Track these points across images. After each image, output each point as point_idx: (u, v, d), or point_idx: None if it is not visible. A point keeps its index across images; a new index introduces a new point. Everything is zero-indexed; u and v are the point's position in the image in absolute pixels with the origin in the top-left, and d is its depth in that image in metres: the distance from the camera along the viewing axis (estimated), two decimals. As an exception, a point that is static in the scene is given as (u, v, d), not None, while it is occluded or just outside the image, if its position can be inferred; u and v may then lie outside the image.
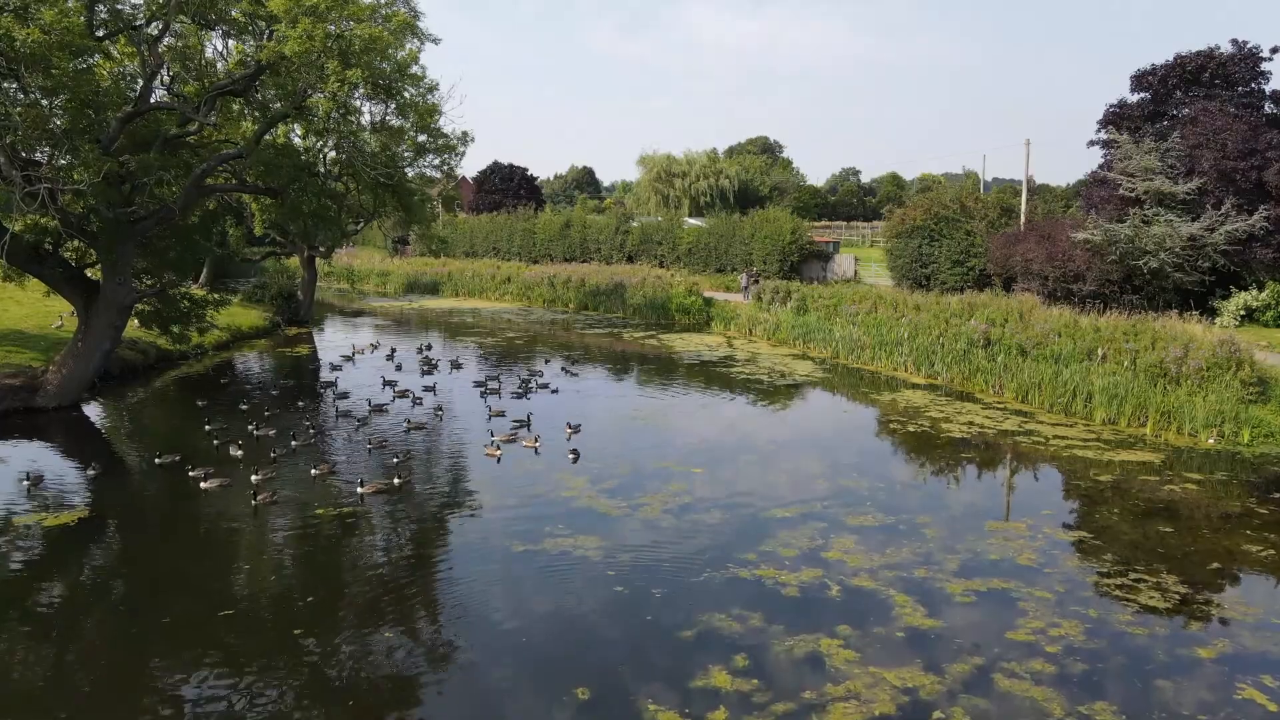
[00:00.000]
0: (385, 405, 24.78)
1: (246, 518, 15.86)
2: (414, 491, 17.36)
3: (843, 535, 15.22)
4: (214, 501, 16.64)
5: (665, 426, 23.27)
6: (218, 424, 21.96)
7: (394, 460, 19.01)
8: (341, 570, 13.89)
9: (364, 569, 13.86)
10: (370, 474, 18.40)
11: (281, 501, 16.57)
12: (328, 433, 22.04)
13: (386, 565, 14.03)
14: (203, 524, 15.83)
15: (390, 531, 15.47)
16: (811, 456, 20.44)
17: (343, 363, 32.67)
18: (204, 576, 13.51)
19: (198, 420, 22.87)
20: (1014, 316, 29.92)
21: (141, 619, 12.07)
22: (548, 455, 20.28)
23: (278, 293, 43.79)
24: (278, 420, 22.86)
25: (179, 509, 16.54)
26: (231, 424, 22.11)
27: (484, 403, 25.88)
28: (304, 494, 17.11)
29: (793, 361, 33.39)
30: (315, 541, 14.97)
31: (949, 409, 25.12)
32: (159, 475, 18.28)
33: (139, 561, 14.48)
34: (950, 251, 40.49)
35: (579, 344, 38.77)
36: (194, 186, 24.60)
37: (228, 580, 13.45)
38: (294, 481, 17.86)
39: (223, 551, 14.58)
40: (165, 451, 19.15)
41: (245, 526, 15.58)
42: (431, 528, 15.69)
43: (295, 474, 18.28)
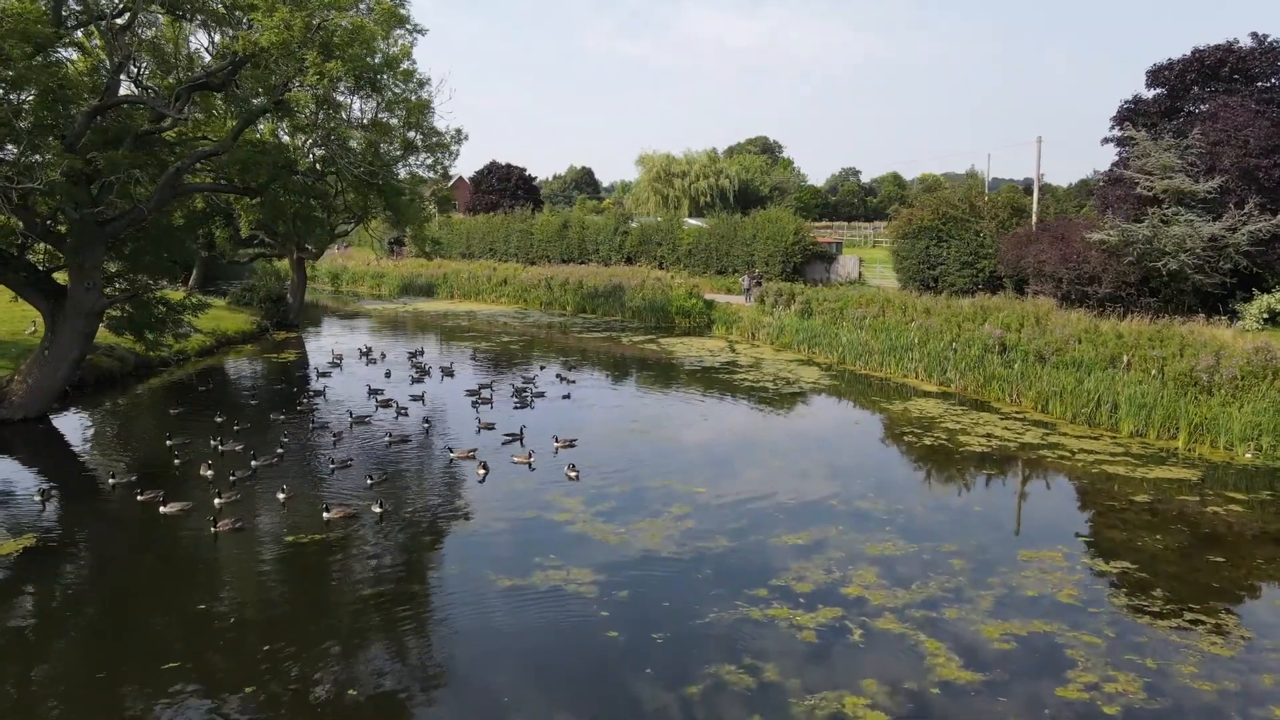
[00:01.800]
0: (367, 417, 23.28)
1: (203, 549, 14.35)
2: (391, 516, 15.84)
3: (862, 566, 13.73)
4: (171, 530, 15.13)
5: (666, 439, 21.78)
6: (180, 439, 20.46)
7: (369, 481, 17.49)
8: (299, 614, 12.37)
9: (324, 612, 12.35)
10: (348, 494, 16.91)
11: (246, 529, 15.06)
12: (304, 448, 20.53)
13: (351, 608, 12.50)
14: (149, 558, 14.28)
15: (360, 565, 13.95)
16: (823, 473, 18.95)
17: (329, 369, 31.21)
18: (139, 626, 12.01)
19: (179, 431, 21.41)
20: (1030, 321, 28.44)
21: (67, 679, 10.58)
22: (542, 472, 18.80)
23: (266, 296, 42.26)
24: (249, 435, 21.37)
25: (130, 539, 15.02)
26: (201, 438, 20.60)
27: (475, 413, 24.42)
28: (271, 520, 15.61)
29: (798, 367, 31.91)
30: (275, 578, 13.46)
31: (965, 419, 23.64)
32: (115, 499, 16.77)
33: (69, 607, 12.97)
34: (959, 252, 38.99)
35: (576, 348, 37.29)
36: (167, 186, 23.09)
37: (164, 633, 11.94)
38: (262, 505, 16.36)
39: (169, 593, 13.07)
40: (121, 472, 17.66)
41: (199, 561, 14.06)
42: (408, 560, 14.18)
43: (263, 496, 16.77)
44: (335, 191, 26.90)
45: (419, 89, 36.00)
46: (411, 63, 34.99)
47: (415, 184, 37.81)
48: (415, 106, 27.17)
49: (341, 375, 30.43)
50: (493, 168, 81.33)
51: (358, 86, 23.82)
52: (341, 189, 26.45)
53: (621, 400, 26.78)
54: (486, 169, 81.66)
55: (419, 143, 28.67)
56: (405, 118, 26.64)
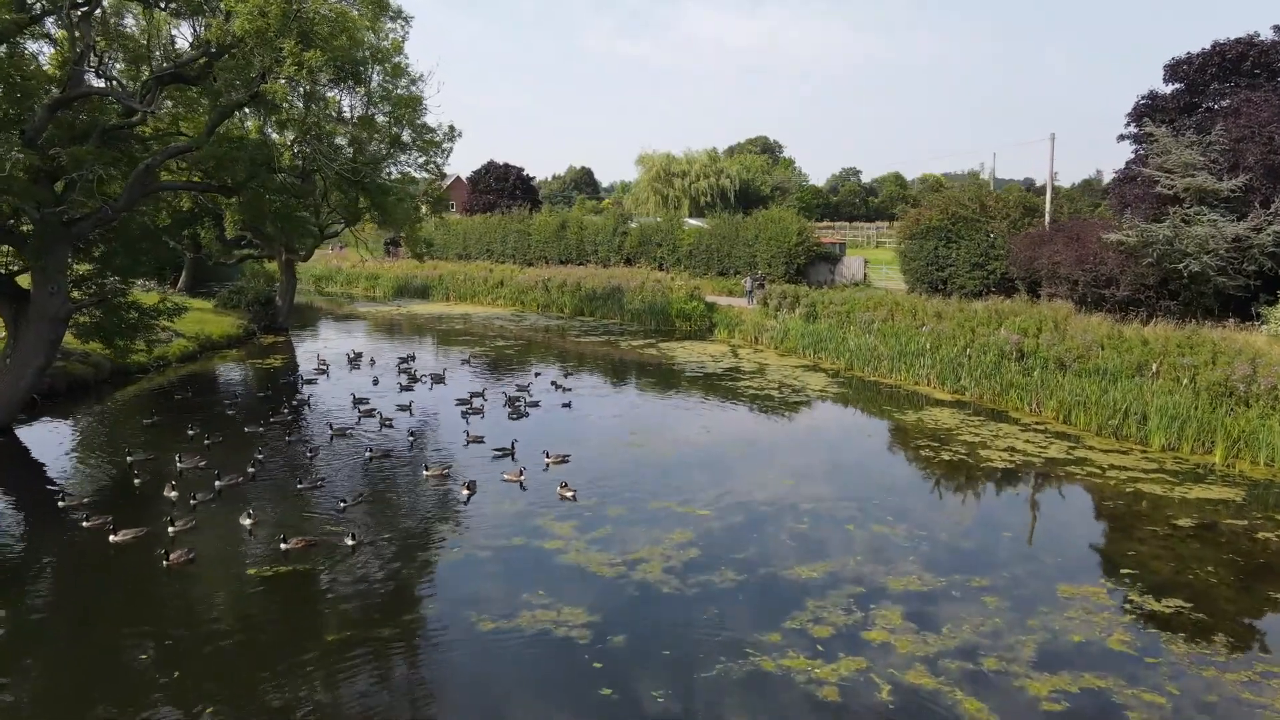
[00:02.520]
0: (349, 429, 21.81)
1: (150, 585, 12.87)
2: (364, 547, 14.35)
3: (885, 605, 12.26)
4: (118, 561, 13.65)
5: (666, 454, 20.31)
6: (142, 455, 18.99)
7: (342, 504, 16.01)
8: (246, 665, 10.88)
9: (275, 664, 10.85)
10: (321, 518, 15.45)
11: (202, 560, 13.59)
12: (279, 464, 19.04)
13: (307, 657, 11.02)
14: (86, 595, 12.78)
15: (325, 605, 12.47)
16: (836, 493, 17.47)
17: (315, 376, 29.74)
18: (51, 675, 10.53)
19: (143, 445, 19.96)
20: (1048, 326, 26.97)
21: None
22: (533, 491, 17.35)
23: (254, 298, 40.79)
24: (221, 449, 19.91)
25: (67, 574, 13.55)
26: (168, 453, 19.09)
27: (465, 424, 22.96)
28: (231, 550, 14.14)
29: (804, 374, 30.44)
30: (227, 621, 11.94)
31: (983, 431, 22.18)
32: (66, 524, 15.28)
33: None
34: (969, 254, 37.52)
35: (574, 353, 35.82)
36: (137, 183, 21.62)
37: (81, 686, 10.46)
38: (223, 532, 14.88)
39: (99, 640, 11.59)
40: (74, 493, 16.20)
41: (143, 599, 12.58)
42: (380, 598, 12.69)
43: (226, 521, 15.30)
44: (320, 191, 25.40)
45: (411, 85, 34.71)
46: (403, 57, 33.72)
47: (407, 183, 36.40)
48: (402, 101, 25.74)
49: (328, 382, 28.97)
50: (490, 167, 79.86)
51: (339, 79, 22.31)
52: (325, 188, 24.94)
53: (620, 409, 25.30)
54: (484, 169, 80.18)
55: (407, 139, 27.12)
56: (392, 113, 25.14)
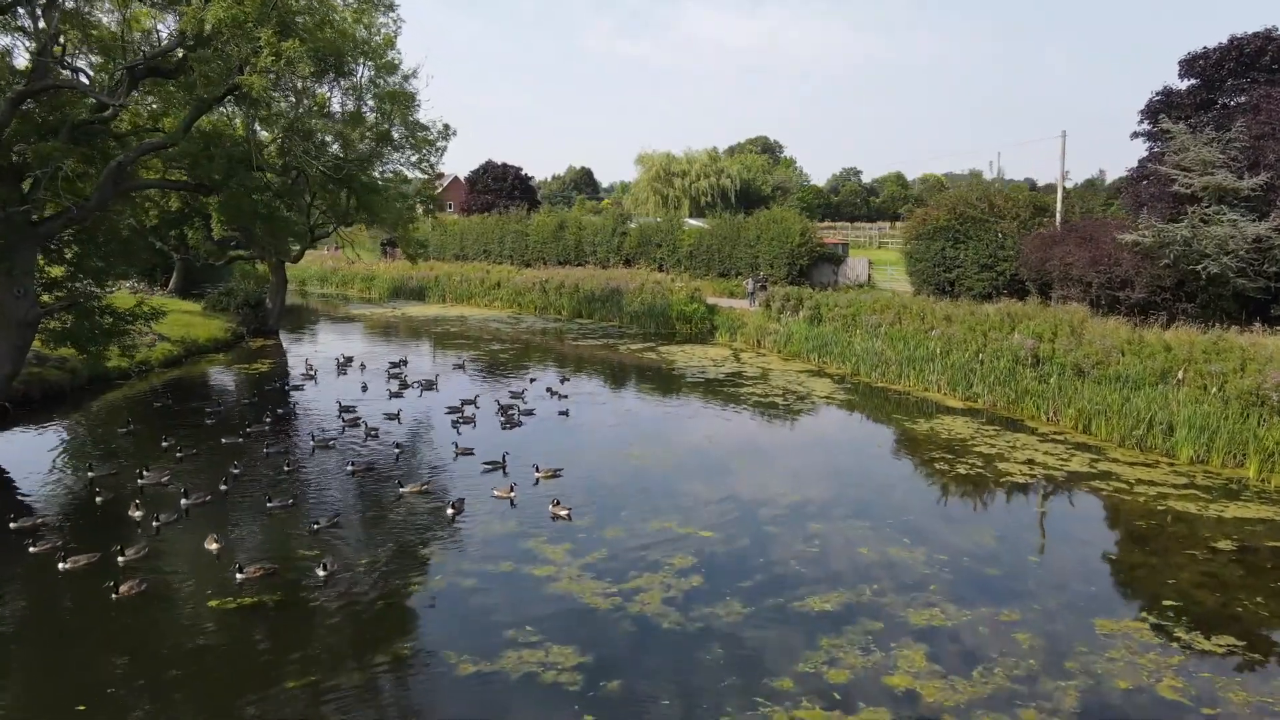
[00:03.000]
0: (332, 440, 20.62)
1: (95, 621, 11.65)
2: (337, 576, 13.14)
3: (907, 643, 11.07)
4: (65, 592, 12.45)
5: (667, 467, 19.11)
6: (105, 470, 17.81)
7: (314, 526, 14.81)
8: (200, 711, 9.71)
9: (234, 709, 9.68)
10: (292, 542, 14.27)
11: (157, 591, 12.39)
12: (255, 479, 17.85)
13: (266, 707, 9.84)
14: (27, 632, 11.61)
15: (288, 643, 11.24)
16: (847, 511, 16.27)
17: (302, 382, 28.57)
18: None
19: (113, 457, 18.80)
20: (1064, 330, 25.76)
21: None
22: (524, 509, 16.17)
23: (244, 300, 39.57)
24: (195, 462, 18.74)
25: (9, 603, 12.36)
26: (138, 466, 17.89)
27: (455, 434, 21.80)
28: (191, 579, 12.93)
29: (808, 379, 29.25)
30: (179, 660, 10.72)
31: (999, 441, 20.99)
32: (13, 547, 14.07)
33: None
34: (977, 254, 36.33)
35: (571, 357, 34.64)
36: (109, 181, 20.45)
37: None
38: (184, 558, 13.69)
39: (31, 683, 10.40)
40: (25, 513, 15.01)
41: (82, 638, 11.39)
42: (350, 634, 11.48)
43: (189, 546, 14.11)
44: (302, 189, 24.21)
45: (404, 81, 33.52)
46: (395, 54, 32.55)
47: (399, 182, 35.23)
48: (390, 95, 24.56)
49: (315, 388, 27.80)
50: (488, 167, 78.69)
51: (322, 72, 21.10)
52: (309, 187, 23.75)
53: (618, 418, 24.11)
54: (482, 168, 79.02)
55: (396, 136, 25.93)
56: (379, 108, 23.93)
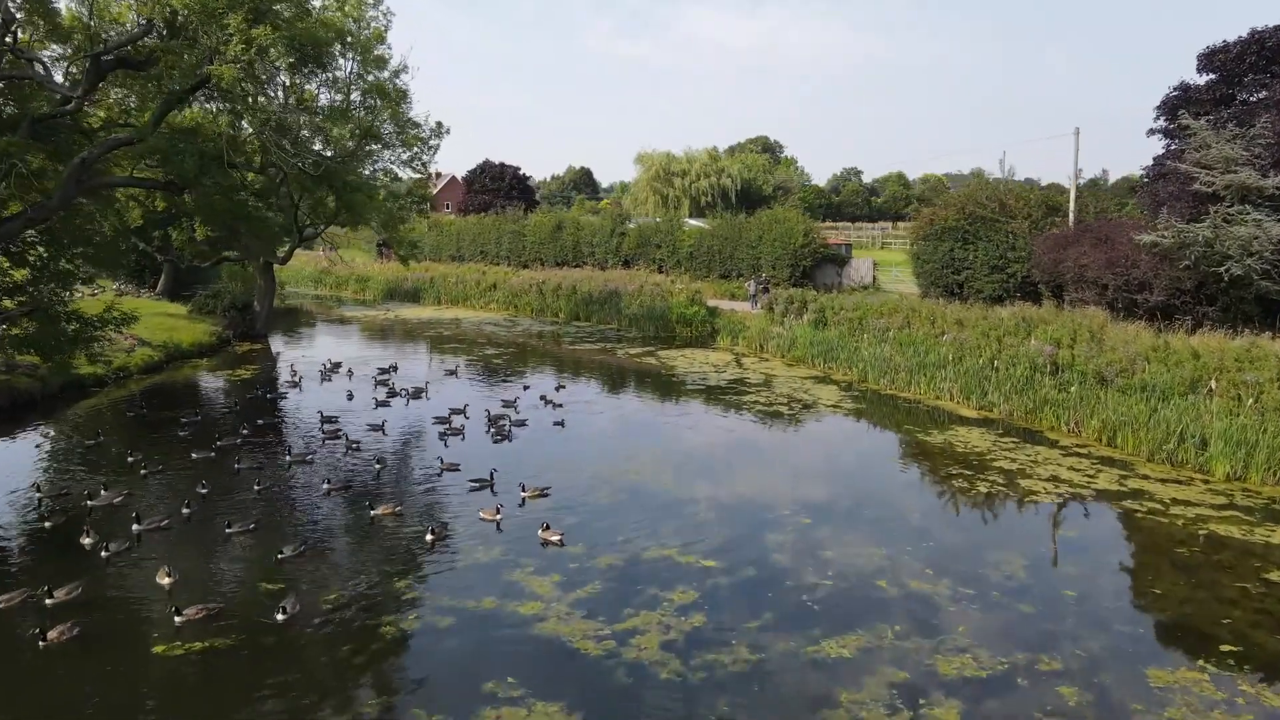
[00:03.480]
0: (309, 455, 19.27)
1: (18, 672, 10.31)
2: (300, 612, 11.79)
3: (937, 699, 9.74)
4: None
5: (666, 485, 17.77)
6: (56, 492, 16.47)
7: (279, 555, 13.46)
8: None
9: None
10: (254, 572, 12.94)
11: (94, 636, 11.04)
12: (222, 500, 16.51)
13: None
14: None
15: (236, 696, 9.91)
16: (863, 537, 14.93)
17: (286, 389, 27.23)
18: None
19: (72, 476, 17.48)
20: (1083, 335, 24.43)
21: None
22: (511, 532, 14.85)
23: (231, 303, 38.21)
24: (159, 480, 17.41)
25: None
26: (97, 486, 16.53)
27: (443, 446, 20.51)
28: (136, 620, 11.58)
29: (814, 386, 27.91)
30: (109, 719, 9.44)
31: (1019, 455, 19.66)
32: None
33: None
34: (987, 255, 34.97)
35: (568, 362, 33.31)
36: (73, 179, 19.11)
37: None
38: (130, 595, 12.34)
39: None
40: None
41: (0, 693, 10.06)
42: (306, 688, 10.12)
43: (138, 579, 12.77)
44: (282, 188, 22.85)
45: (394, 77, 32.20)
46: (385, 48, 31.24)
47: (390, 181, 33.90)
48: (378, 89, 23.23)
49: (300, 395, 26.47)
50: (486, 166, 77.35)
51: (300, 62, 19.75)
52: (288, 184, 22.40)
53: (615, 428, 22.78)
54: (479, 168, 77.68)
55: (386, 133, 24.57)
56: (363, 102, 22.60)
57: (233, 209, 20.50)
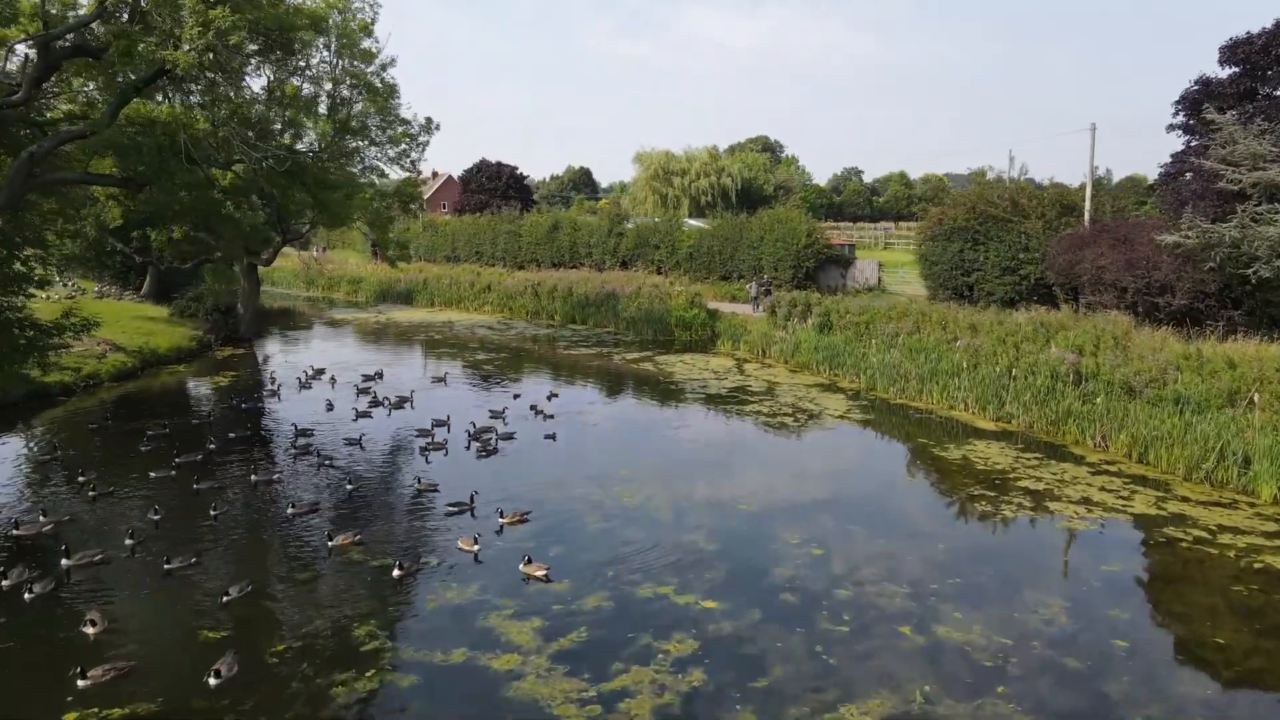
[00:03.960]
0: (277, 474, 17.67)
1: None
2: (239, 673, 10.20)
3: (981, 786, 8.17)
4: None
5: (663, 509, 16.18)
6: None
7: (224, 598, 11.87)
8: None
9: None
10: (191, 618, 11.36)
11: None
12: (175, 527, 14.93)
13: None
14: None
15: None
16: (879, 571, 13.35)
17: (264, 399, 25.65)
18: None
19: (14, 498, 15.90)
20: (1107, 342, 22.86)
21: None
22: (494, 565, 13.30)
23: (213, 306, 36.64)
24: (107, 505, 15.80)
25: None
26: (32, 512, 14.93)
27: (423, 462, 18.98)
28: (43, 682, 10.00)
29: (820, 395, 26.33)
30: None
31: (1045, 473, 18.08)
32: None
33: None
34: (999, 256, 33.38)
35: (562, 367, 31.74)
36: (19, 176, 17.52)
37: None
38: (44, 647, 10.74)
39: None
40: None
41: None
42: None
43: (60, 628, 11.18)
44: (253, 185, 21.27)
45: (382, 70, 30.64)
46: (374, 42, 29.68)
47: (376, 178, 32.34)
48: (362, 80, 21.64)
49: (278, 404, 24.90)
50: (482, 166, 75.76)
51: (266, 49, 18.14)
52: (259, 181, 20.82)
53: (609, 441, 21.20)
54: (475, 167, 76.10)
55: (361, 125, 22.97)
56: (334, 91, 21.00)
57: (198, 208, 18.91)
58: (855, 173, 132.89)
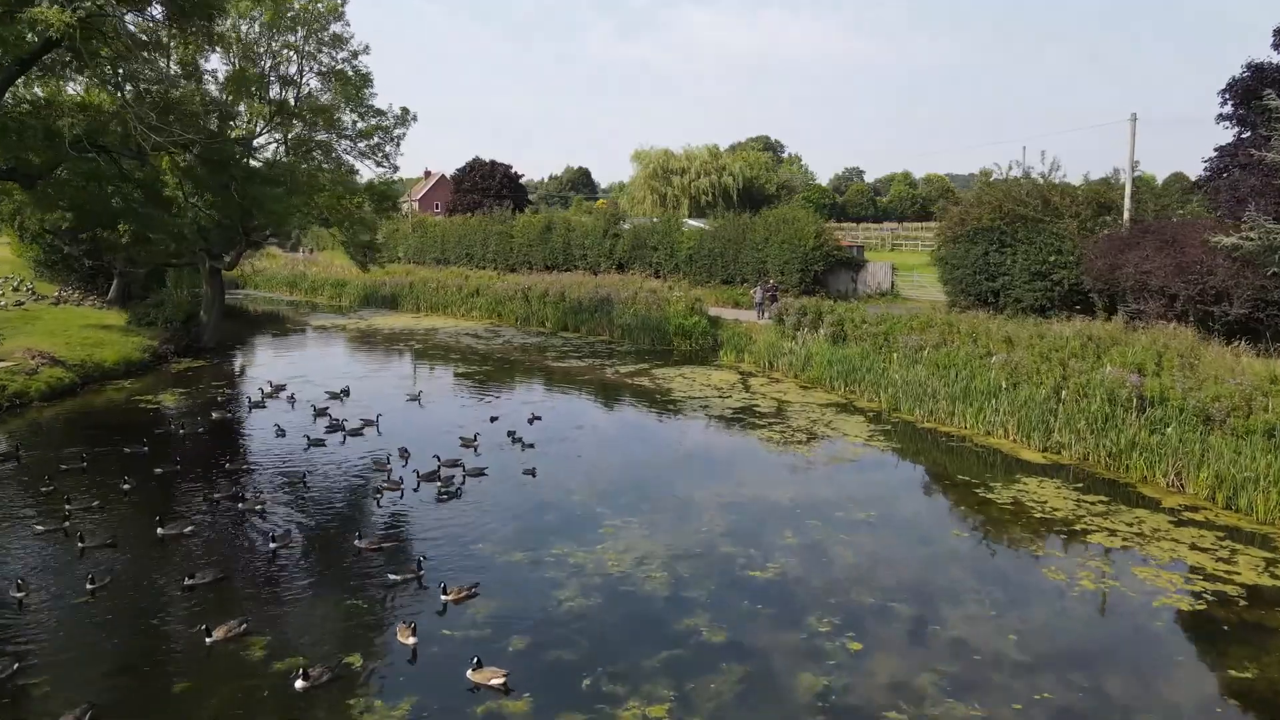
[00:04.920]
0: (184, 532, 14.36)
1: None
2: None
3: None
4: None
5: (656, 579, 12.88)
6: None
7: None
8: None
9: None
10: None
11: None
12: (52, 595, 11.68)
13: None
14: None
15: None
16: (944, 681, 10.06)
17: (209, 421, 22.35)
18: None
19: None
20: (1171, 360, 19.60)
21: None
22: (431, 669, 10.05)
23: (173, 313, 33.38)
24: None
25: None
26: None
27: (375, 505, 15.77)
28: None
29: (836, 417, 23.07)
30: None
31: (1116, 523, 14.83)
32: None
33: None
34: (1028, 260, 30.09)
35: (551, 382, 28.50)
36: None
37: None
38: None
39: None
40: None
41: None
42: None
43: None
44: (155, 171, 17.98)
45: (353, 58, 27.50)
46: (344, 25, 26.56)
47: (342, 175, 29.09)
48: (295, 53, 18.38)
49: (224, 429, 21.67)
50: (475, 165, 72.50)
51: (182, 14, 14.84)
52: (172, 172, 17.54)
53: (595, 478, 17.90)
54: (468, 166, 72.85)
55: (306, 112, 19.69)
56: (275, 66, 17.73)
57: (102, 202, 15.69)
58: (856, 173, 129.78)
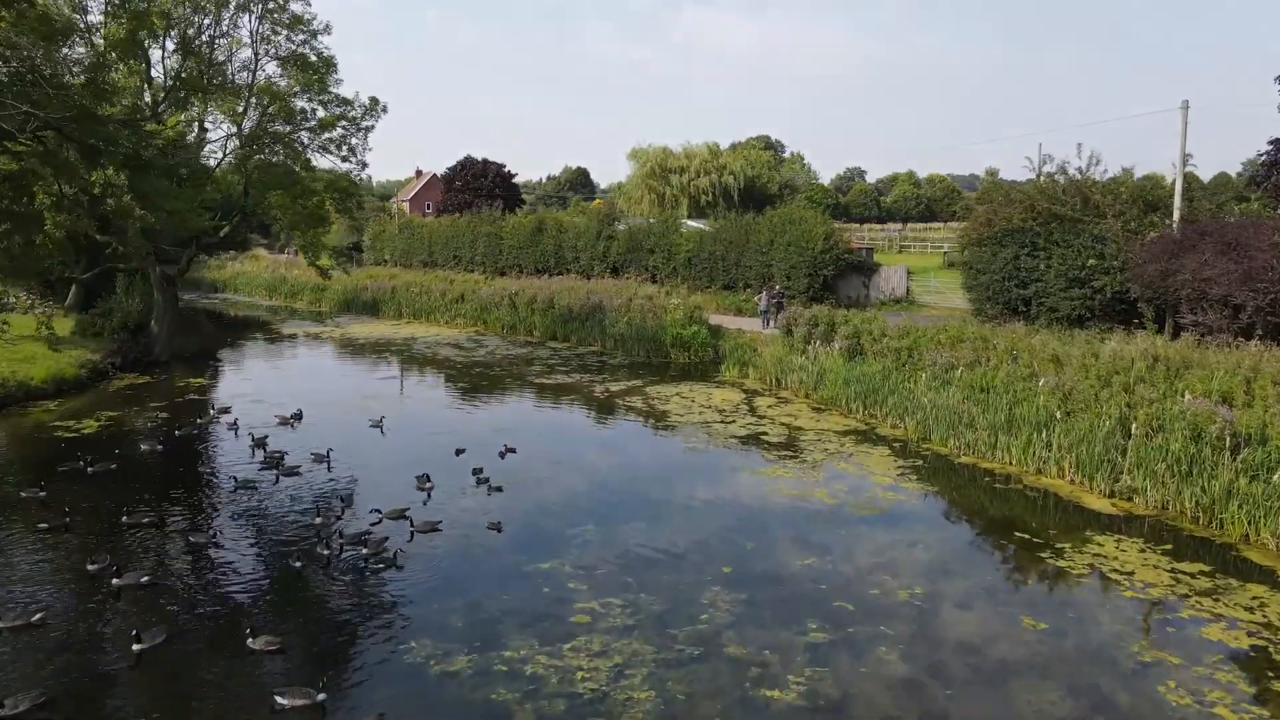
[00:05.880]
0: (42, 613, 10.93)
1: None
2: None
3: None
4: None
5: (639, 706, 9.56)
6: None
7: None
8: None
9: None
10: None
11: None
12: None
13: None
14: None
15: None
16: None
17: (128, 454, 19.01)
18: None
19: None
20: (1265, 388, 16.22)
21: None
22: None
23: (122, 323, 30.07)
24: None
25: None
26: None
27: (294, 571, 12.45)
28: None
29: (856, 447, 19.72)
30: None
31: (1232, 606, 11.49)
32: None
33: None
34: (1064, 265, 26.69)
35: (532, 403, 25.18)
36: None
37: None
38: None
39: None
40: None
41: None
42: None
43: None
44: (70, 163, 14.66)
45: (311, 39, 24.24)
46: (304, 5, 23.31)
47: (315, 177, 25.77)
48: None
49: (146, 464, 18.35)
50: (466, 163, 69.15)
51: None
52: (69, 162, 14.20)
53: (570, 537, 14.52)
54: (459, 165, 69.53)
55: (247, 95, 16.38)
56: (183, 35, 14.40)
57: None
58: (858, 173, 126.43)
